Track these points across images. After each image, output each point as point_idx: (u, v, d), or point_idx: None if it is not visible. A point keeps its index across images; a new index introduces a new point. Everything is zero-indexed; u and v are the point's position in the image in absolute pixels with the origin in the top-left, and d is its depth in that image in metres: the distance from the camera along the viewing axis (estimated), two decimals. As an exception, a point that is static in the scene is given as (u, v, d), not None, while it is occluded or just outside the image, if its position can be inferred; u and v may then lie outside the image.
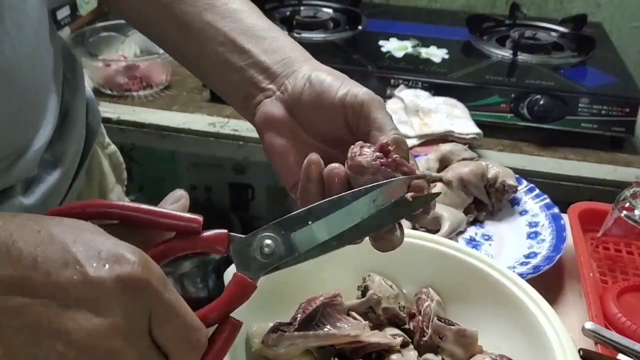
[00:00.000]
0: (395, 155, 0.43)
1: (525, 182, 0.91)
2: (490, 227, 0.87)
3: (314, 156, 0.45)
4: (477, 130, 1.05)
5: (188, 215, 0.41)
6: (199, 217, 0.41)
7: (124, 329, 0.33)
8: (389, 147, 0.44)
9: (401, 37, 1.30)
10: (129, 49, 1.33)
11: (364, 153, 0.44)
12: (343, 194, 0.43)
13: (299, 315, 0.55)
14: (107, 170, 0.71)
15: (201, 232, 0.41)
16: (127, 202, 0.40)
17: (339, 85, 0.46)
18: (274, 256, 0.42)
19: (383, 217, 0.43)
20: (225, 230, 0.42)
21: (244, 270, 0.41)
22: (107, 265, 0.33)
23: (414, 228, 0.80)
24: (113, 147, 0.74)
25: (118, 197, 0.73)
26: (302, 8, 1.40)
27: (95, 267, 0.33)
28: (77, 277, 0.33)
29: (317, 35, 1.30)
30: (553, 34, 1.33)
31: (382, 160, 0.43)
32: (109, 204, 0.41)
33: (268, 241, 0.42)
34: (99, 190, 0.68)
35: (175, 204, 0.42)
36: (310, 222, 0.42)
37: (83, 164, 0.61)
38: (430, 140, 1.03)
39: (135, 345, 0.34)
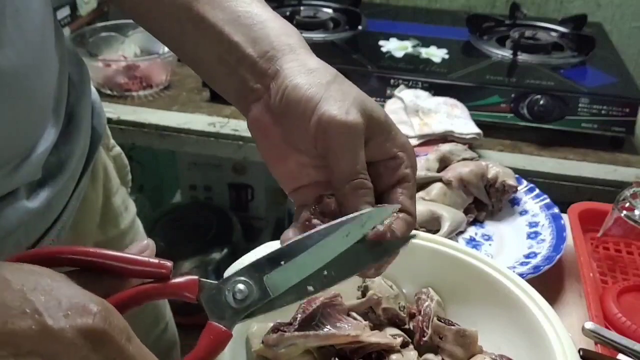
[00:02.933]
0: None
1: (525, 182, 0.91)
2: (490, 227, 0.87)
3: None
4: (477, 130, 1.05)
5: (157, 261, 0.39)
6: (168, 263, 0.39)
7: None
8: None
9: (401, 37, 1.30)
10: (129, 49, 1.33)
11: (313, 225, 0.42)
12: (315, 229, 0.41)
13: (299, 315, 0.55)
14: (112, 172, 0.70)
15: (170, 278, 0.39)
16: (92, 249, 0.38)
17: (315, 104, 0.42)
18: (248, 301, 0.40)
19: (360, 255, 0.41)
20: (196, 277, 0.39)
21: (218, 319, 0.39)
22: (67, 316, 0.31)
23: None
24: (118, 149, 0.73)
25: (122, 199, 0.72)
26: (302, 8, 1.40)
27: (55, 318, 0.31)
28: (35, 327, 0.31)
29: (317, 35, 1.30)
30: (553, 34, 1.33)
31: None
32: (73, 250, 0.38)
33: (241, 286, 0.40)
34: (103, 192, 0.67)
35: (142, 255, 0.40)
36: (282, 263, 0.40)
37: (88, 166, 0.60)
38: (430, 140, 1.03)
39: None
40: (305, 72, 0.43)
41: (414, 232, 0.45)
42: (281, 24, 0.47)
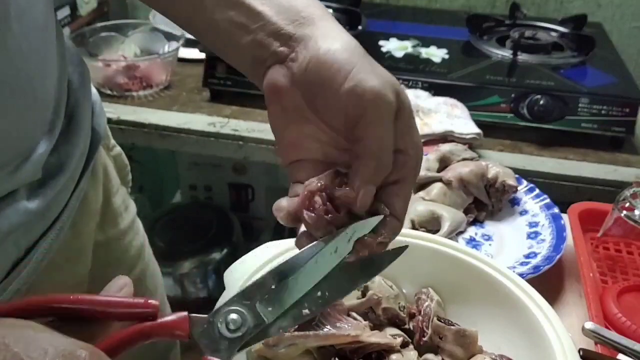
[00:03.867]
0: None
1: (525, 182, 0.91)
2: (490, 227, 0.87)
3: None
4: (477, 130, 1.05)
5: (142, 300, 0.37)
6: (155, 301, 0.37)
7: None
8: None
9: (401, 37, 1.30)
10: (129, 49, 1.33)
11: (315, 203, 0.41)
12: (304, 248, 0.41)
13: (299, 316, 0.55)
14: (112, 172, 0.70)
15: (158, 316, 0.37)
16: (73, 295, 0.36)
17: (349, 71, 0.41)
18: (243, 331, 0.38)
19: (352, 272, 0.41)
20: (185, 313, 0.37)
21: (213, 353, 0.37)
22: None
23: (413, 228, 0.80)
24: (118, 149, 0.73)
25: (122, 199, 0.71)
26: (302, 8, 1.40)
27: None
28: None
29: (317, 35, 1.30)
30: (553, 34, 1.33)
31: (330, 217, 0.41)
32: (54, 298, 0.36)
33: (234, 316, 0.38)
34: (103, 192, 0.66)
35: (121, 292, 0.38)
36: (273, 287, 0.39)
37: (88, 167, 0.60)
38: (430, 140, 1.03)
39: None
40: (339, 39, 0.43)
41: (404, 243, 0.45)
42: None
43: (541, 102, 1.10)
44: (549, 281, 0.75)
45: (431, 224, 0.81)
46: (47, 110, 0.51)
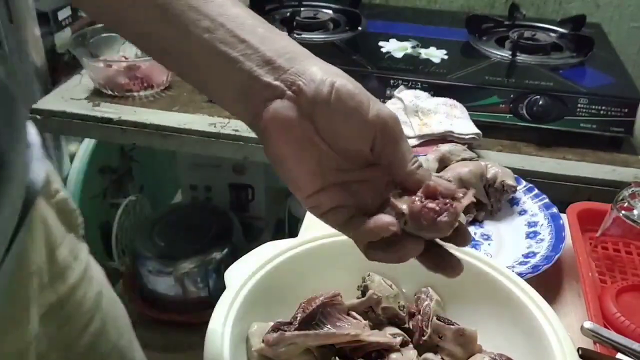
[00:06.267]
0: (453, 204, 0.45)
1: (524, 182, 0.91)
2: (489, 226, 0.87)
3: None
4: (476, 130, 1.05)
5: None
6: None
7: None
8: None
9: (401, 38, 1.31)
10: (129, 49, 1.33)
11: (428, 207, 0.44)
12: None
13: (299, 315, 0.55)
14: (54, 222, 0.59)
15: None
16: None
17: (367, 101, 0.44)
18: None
19: None
20: None
21: None
22: None
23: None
24: (62, 195, 0.61)
25: (70, 249, 0.61)
26: (302, 9, 1.40)
27: None
28: None
29: (317, 36, 1.31)
30: (552, 34, 1.34)
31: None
32: None
33: None
34: (46, 246, 0.57)
35: None
36: None
37: (22, 225, 0.50)
38: (430, 140, 1.03)
39: None
40: (336, 72, 0.45)
41: None
42: (281, 32, 0.47)
43: (540, 102, 1.10)
44: (548, 281, 0.75)
45: (431, 224, 0.81)
46: None
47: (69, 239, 0.62)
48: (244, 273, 0.58)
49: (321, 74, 0.44)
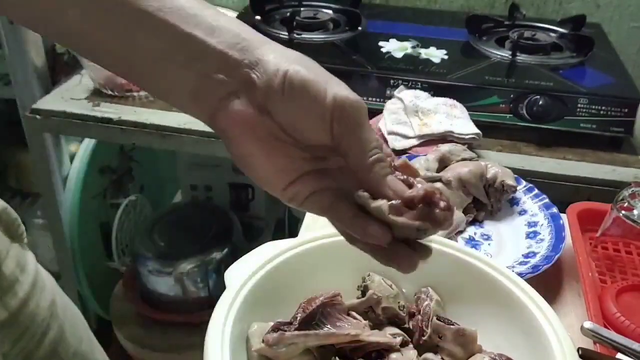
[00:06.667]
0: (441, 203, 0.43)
1: (524, 182, 0.91)
2: (489, 226, 0.87)
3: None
4: (476, 130, 1.05)
5: None
6: None
7: None
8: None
9: (401, 38, 1.31)
10: (129, 49, 1.33)
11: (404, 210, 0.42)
12: None
13: (299, 315, 0.55)
14: None
15: None
16: None
17: (324, 87, 0.40)
18: None
19: None
20: None
21: None
22: None
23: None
24: (1, 204, 0.59)
25: (16, 261, 0.59)
26: (302, 9, 1.40)
27: None
28: None
29: (317, 36, 1.31)
30: (552, 34, 1.34)
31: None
32: None
33: None
34: None
35: None
36: None
37: None
38: (430, 140, 1.03)
39: None
40: (293, 58, 0.41)
41: None
42: (235, 19, 0.43)
43: (540, 102, 1.10)
44: (548, 281, 0.75)
45: (431, 224, 0.81)
46: None
47: (14, 250, 0.60)
48: (244, 273, 0.58)
49: (274, 63, 0.40)
